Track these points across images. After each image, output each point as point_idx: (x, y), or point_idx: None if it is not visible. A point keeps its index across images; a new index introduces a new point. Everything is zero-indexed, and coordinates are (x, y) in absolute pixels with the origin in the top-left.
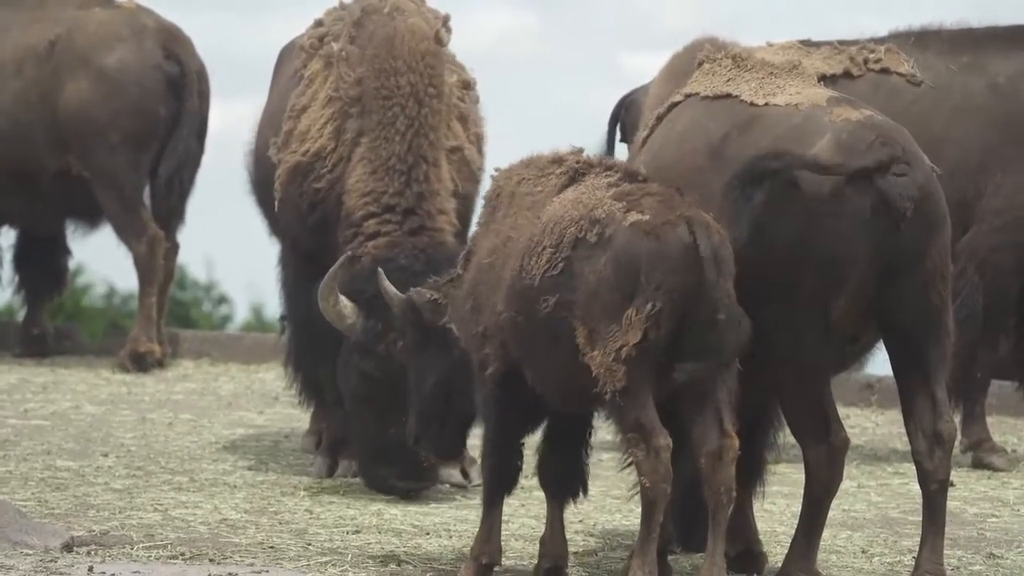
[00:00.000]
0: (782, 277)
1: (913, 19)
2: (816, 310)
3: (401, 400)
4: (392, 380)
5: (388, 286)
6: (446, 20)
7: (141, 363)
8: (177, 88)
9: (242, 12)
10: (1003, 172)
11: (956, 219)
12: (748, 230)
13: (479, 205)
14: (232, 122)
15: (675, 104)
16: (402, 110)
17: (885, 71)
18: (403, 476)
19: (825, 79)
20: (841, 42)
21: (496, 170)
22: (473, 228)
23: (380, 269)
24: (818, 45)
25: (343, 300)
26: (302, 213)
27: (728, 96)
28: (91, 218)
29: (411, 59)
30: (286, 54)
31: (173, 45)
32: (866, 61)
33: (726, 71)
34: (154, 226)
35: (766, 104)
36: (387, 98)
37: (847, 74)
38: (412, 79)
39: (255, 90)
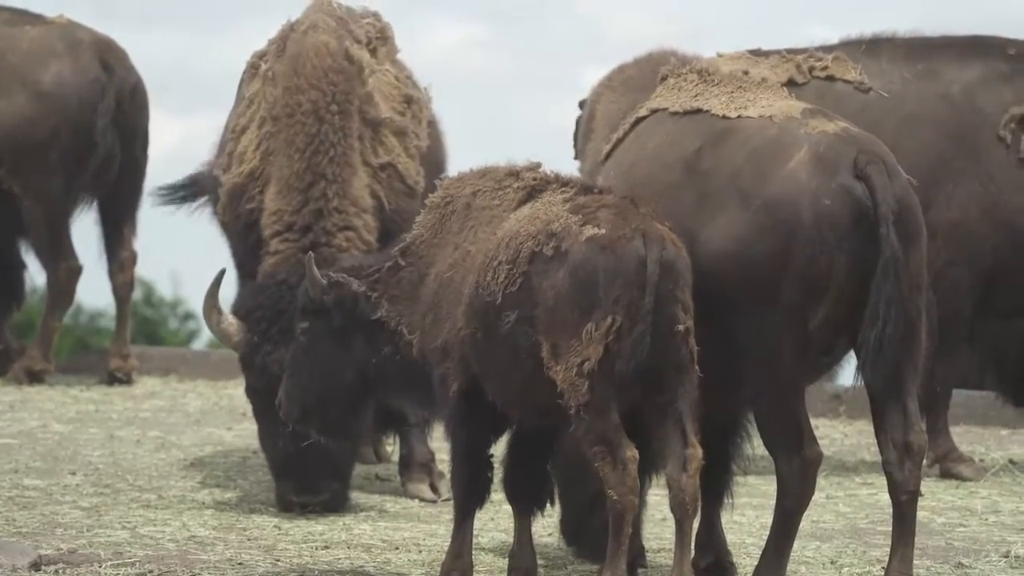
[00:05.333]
0: (761, 290)
1: (863, 27)
2: (795, 322)
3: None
4: (274, 393)
5: (314, 270)
6: (382, 32)
7: (35, 379)
8: (115, 98)
9: (202, 30)
10: (955, 184)
11: None
12: None
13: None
14: (193, 138)
15: (640, 119)
16: (302, 128)
17: (831, 78)
18: (299, 491)
19: None
20: (790, 51)
21: (442, 177)
22: (416, 231)
23: (311, 252)
24: (767, 54)
25: (228, 318)
26: (240, 235)
27: (699, 111)
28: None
29: (313, 76)
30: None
31: (109, 57)
32: (811, 69)
33: (693, 86)
34: (76, 258)
35: (739, 117)
36: (290, 116)
37: (791, 82)
38: (313, 96)
39: (215, 107)
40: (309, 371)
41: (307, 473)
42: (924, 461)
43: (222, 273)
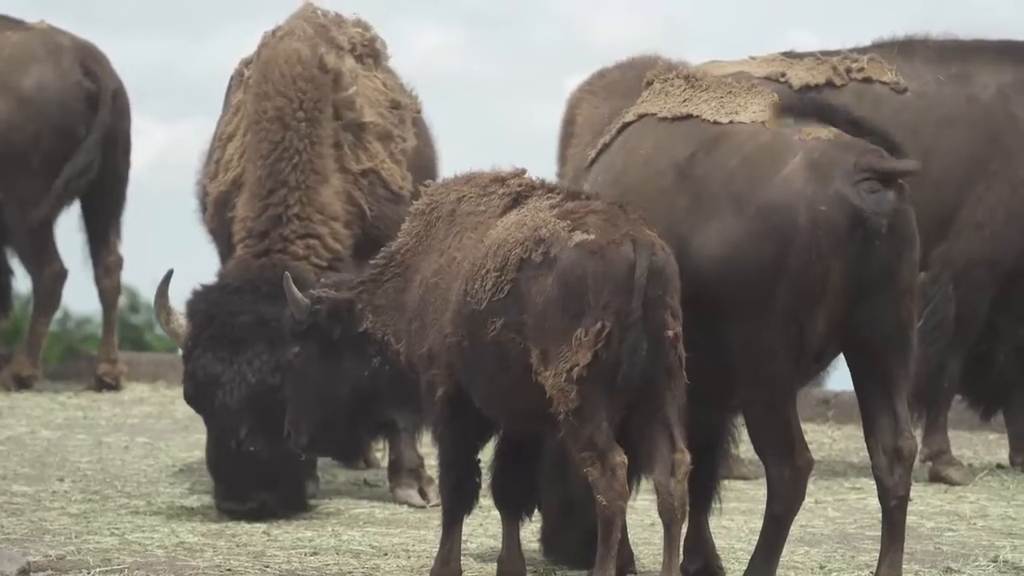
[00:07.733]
0: (755, 295)
1: (847, 33)
2: (789, 329)
3: (217, 418)
4: (203, 397)
5: (294, 290)
6: (369, 37)
7: (23, 385)
8: (95, 104)
9: (186, 35)
10: (987, 186)
11: (937, 228)
12: None
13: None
14: (177, 144)
15: (628, 124)
16: (267, 135)
17: (868, 80)
18: (225, 497)
19: (808, 89)
20: (824, 52)
21: (426, 183)
22: (401, 239)
23: (287, 272)
24: (801, 56)
25: (179, 318)
26: (227, 242)
27: (689, 116)
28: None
29: (281, 84)
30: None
31: (90, 62)
32: (848, 71)
33: (680, 91)
34: (61, 261)
35: (731, 122)
36: (256, 123)
37: (830, 84)
38: (279, 103)
39: (200, 112)
40: (308, 395)
41: (235, 480)
42: (917, 458)
43: (170, 273)
